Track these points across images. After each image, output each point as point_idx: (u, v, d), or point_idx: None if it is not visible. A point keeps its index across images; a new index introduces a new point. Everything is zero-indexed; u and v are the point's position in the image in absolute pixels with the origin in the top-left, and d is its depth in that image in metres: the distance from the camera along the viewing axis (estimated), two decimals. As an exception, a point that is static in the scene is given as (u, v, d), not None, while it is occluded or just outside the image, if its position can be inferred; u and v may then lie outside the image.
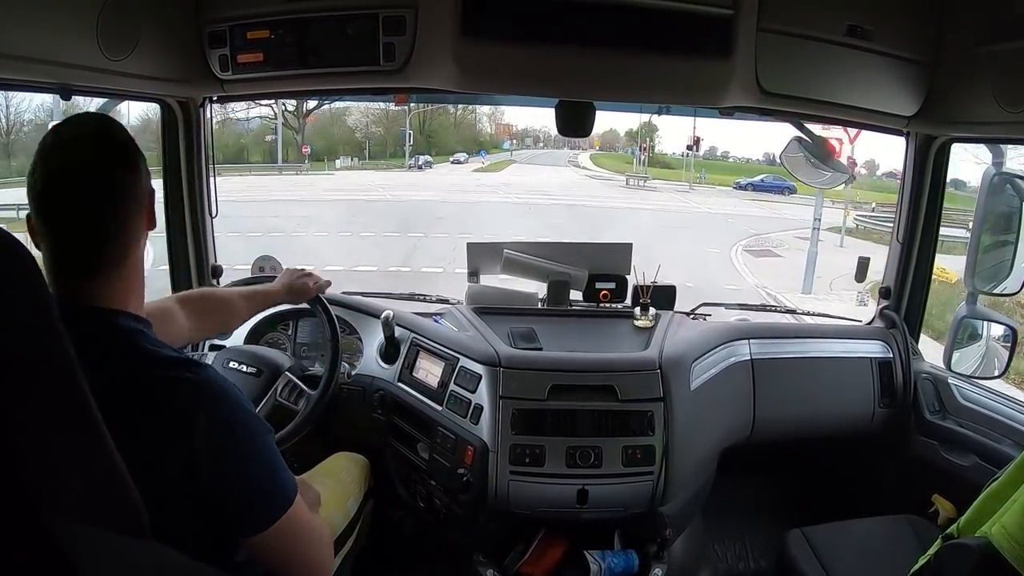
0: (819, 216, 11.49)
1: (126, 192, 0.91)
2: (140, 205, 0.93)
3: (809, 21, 1.51)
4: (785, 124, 1.80)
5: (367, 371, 1.80)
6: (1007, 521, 0.96)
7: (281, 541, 0.95)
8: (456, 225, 13.36)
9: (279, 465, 0.95)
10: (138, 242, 0.93)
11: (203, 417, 0.85)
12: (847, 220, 15.09)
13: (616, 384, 1.57)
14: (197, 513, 0.87)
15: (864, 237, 14.19)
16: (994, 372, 1.78)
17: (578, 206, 17.83)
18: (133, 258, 0.92)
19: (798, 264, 11.15)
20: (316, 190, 19.78)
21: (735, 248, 14.17)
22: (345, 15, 1.52)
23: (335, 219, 14.45)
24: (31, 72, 1.24)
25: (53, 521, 0.62)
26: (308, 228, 13.27)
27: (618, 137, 34.28)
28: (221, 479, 0.87)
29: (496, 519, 1.57)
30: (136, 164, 0.92)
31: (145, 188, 0.94)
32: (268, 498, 0.92)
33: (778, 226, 16.86)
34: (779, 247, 14.78)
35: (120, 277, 0.90)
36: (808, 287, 10.45)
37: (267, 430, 0.96)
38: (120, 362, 0.86)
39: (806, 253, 11.15)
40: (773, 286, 10.53)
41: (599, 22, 1.38)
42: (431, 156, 28.38)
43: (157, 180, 1.90)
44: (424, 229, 13.70)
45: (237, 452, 0.89)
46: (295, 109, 24.94)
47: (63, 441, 0.65)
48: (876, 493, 2.02)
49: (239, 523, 0.91)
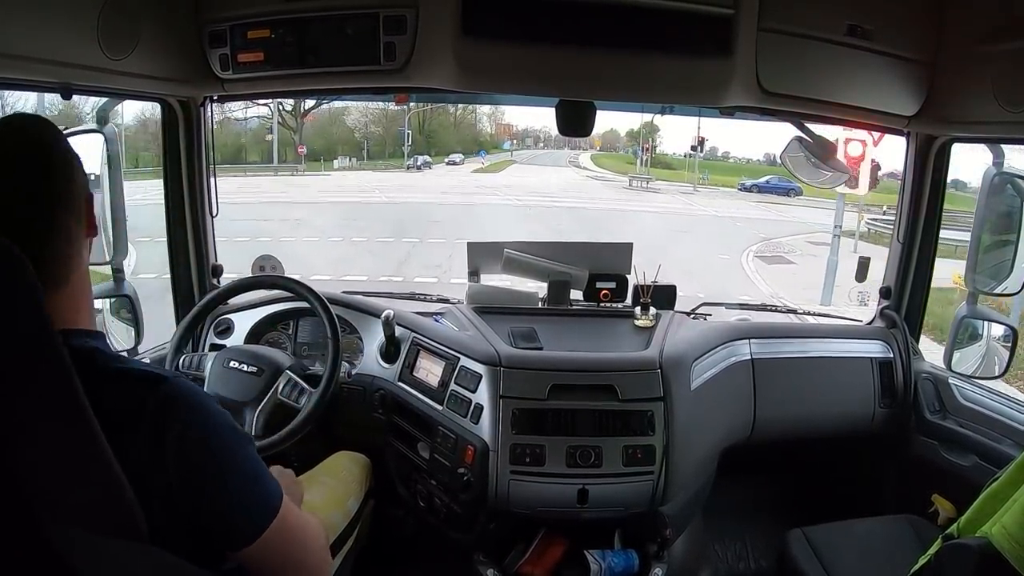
0: (840, 223, 10.54)
1: (51, 197, 0.81)
2: (70, 211, 0.82)
3: (810, 21, 1.51)
4: (786, 124, 1.80)
5: (367, 371, 1.80)
6: (1007, 521, 0.96)
7: (272, 551, 0.90)
8: (453, 229, 12.62)
9: (261, 474, 0.90)
10: (80, 254, 0.84)
11: (175, 432, 0.79)
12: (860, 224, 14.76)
13: (616, 384, 1.57)
14: (179, 529, 0.82)
15: (875, 241, 13.50)
16: (994, 372, 1.78)
17: (581, 209, 17.54)
18: (78, 273, 0.84)
19: (812, 271, 10.63)
20: (310, 192, 19.36)
21: (746, 254, 13.70)
22: (345, 14, 1.52)
23: (327, 223, 14.09)
24: (31, 72, 1.24)
25: (51, 526, 0.62)
26: (298, 232, 12.82)
27: (619, 137, 34.31)
28: (199, 498, 0.82)
29: (496, 519, 1.57)
30: (55, 164, 0.82)
31: (77, 192, 0.84)
32: (251, 511, 0.88)
33: (787, 230, 16.46)
34: (791, 253, 14.29)
35: (65, 295, 0.82)
36: (827, 298, 9.71)
37: (247, 440, 0.92)
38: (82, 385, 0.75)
39: (820, 259, 10.57)
40: (788, 295, 9.98)
41: (600, 21, 1.38)
42: (430, 156, 28.14)
43: (157, 180, 1.92)
44: (419, 234, 13.33)
45: (214, 468, 0.84)
46: (292, 109, 24.83)
47: (60, 447, 0.66)
48: (876, 493, 2.02)
49: (225, 539, 0.87)
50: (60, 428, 0.66)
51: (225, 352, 1.67)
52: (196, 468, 0.81)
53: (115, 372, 0.81)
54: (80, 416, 0.67)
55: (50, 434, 0.64)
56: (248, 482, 0.89)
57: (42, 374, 0.64)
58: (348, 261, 10.98)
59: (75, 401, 0.66)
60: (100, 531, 0.67)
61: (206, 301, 1.76)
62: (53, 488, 0.64)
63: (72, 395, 0.66)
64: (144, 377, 0.81)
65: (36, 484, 0.61)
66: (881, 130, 1.85)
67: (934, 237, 1.95)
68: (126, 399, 0.78)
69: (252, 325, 1.90)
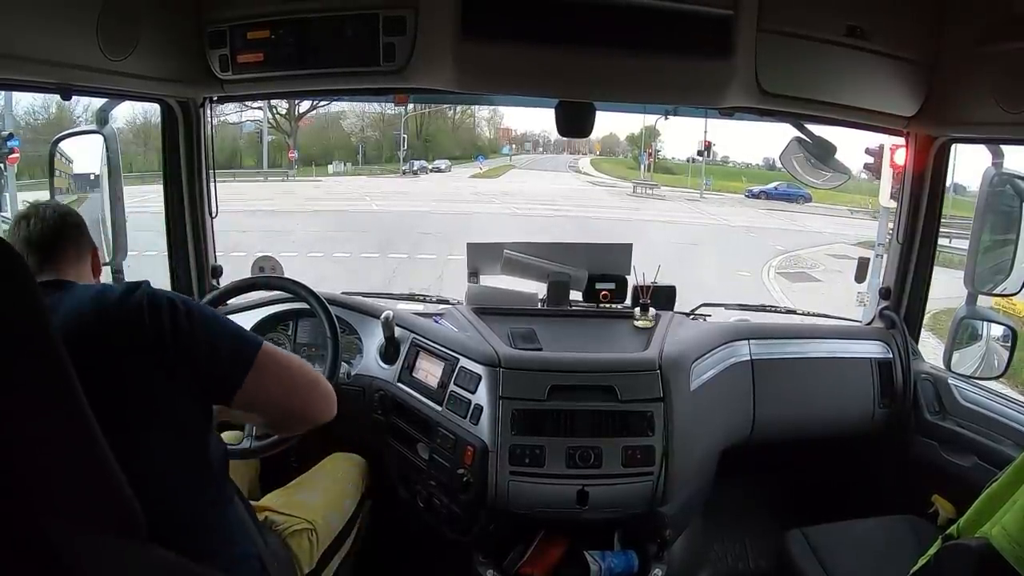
0: (883, 242, 9.62)
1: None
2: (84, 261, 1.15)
3: (809, 21, 1.51)
4: (786, 127, 1.80)
5: (367, 371, 1.80)
6: (1007, 522, 0.96)
7: (267, 381, 1.08)
8: (446, 245, 11.30)
9: (239, 329, 1.10)
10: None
11: (167, 312, 0.99)
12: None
13: (616, 384, 1.57)
14: (184, 393, 1.01)
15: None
16: (994, 372, 1.78)
17: (587, 219, 16.67)
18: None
19: (840, 288, 9.39)
20: (297, 199, 18.45)
21: (766, 269, 12.85)
22: (345, 15, 1.52)
23: (309, 234, 13.25)
24: (31, 72, 1.24)
25: (51, 525, 0.62)
26: (276, 246, 11.07)
27: (618, 141, 34.18)
28: (195, 355, 1.01)
29: (496, 519, 1.57)
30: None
31: (85, 245, 1.16)
32: (238, 344, 1.07)
33: (805, 241, 15.45)
34: (815, 268, 13.23)
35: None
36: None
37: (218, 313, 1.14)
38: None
39: (846, 275, 9.00)
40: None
41: (599, 22, 1.38)
42: (427, 161, 27.28)
43: (157, 185, 1.92)
44: (408, 248, 12.50)
45: (202, 330, 1.03)
46: (287, 113, 24.64)
47: (59, 446, 0.66)
48: (876, 493, 2.02)
49: (222, 385, 1.06)
50: (59, 426, 0.66)
51: None
52: (187, 333, 1.00)
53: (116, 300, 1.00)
54: (78, 416, 0.67)
55: (49, 431, 0.64)
56: (230, 325, 1.10)
57: (41, 372, 0.64)
58: (328, 280, 9.58)
59: (73, 399, 0.66)
60: (99, 528, 0.67)
61: (206, 302, 1.75)
62: (51, 485, 0.64)
63: (70, 393, 0.66)
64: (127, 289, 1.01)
65: (34, 481, 0.61)
66: (881, 131, 1.85)
67: (934, 237, 1.95)
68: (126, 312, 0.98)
69: (252, 326, 1.90)
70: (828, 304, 2.56)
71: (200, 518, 1.07)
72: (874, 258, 8.61)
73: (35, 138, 13.94)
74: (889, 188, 4.11)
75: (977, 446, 1.74)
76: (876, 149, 4.81)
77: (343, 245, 12.60)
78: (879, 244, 9.72)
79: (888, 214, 9.55)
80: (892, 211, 2.19)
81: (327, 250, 12.13)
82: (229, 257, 2.17)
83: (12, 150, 9.60)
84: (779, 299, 10.16)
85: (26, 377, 0.63)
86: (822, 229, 16.43)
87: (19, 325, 0.63)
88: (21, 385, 0.62)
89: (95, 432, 0.69)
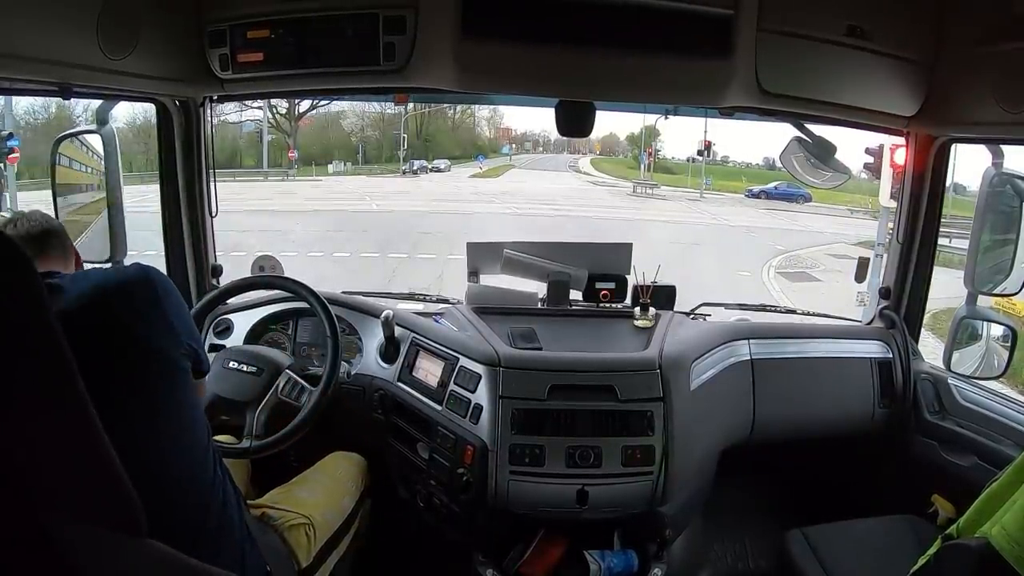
0: (883, 242, 9.72)
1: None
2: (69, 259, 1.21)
3: (809, 21, 1.51)
4: (786, 127, 1.80)
5: (367, 371, 1.80)
6: (1007, 522, 0.96)
7: None
8: (446, 245, 11.39)
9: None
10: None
11: (153, 298, 1.07)
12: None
13: (616, 384, 1.57)
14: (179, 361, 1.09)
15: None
16: (994, 372, 1.78)
17: (587, 218, 16.66)
18: None
19: (840, 288, 9.45)
20: (297, 199, 18.46)
21: (766, 269, 12.86)
22: (345, 15, 1.52)
23: (308, 235, 13.24)
24: (31, 71, 1.24)
25: (51, 521, 0.62)
26: (276, 246, 10.97)
27: (618, 141, 34.22)
28: (176, 337, 1.08)
29: (496, 519, 1.57)
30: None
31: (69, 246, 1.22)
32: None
33: (804, 240, 15.48)
34: (815, 268, 13.26)
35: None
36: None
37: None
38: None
39: (846, 275, 9.09)
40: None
41: (599, 22, 1.38)
42: (427, 161, 27.35)
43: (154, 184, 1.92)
44: (408, 248, 12.60)
45: (182, 321, 1.11)
46: (286, 112, 24.65)
47: (60, 441, 0.65)
48: (876, 493, 2.02)
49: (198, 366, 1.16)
50: (60, 420, 0.65)
51: (225, 353, 1.67)
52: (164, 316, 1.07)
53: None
54: (80, 411, 0.67)
55: (49, 426, 0.64)
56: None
57: (42, 366, 0.64)
58: (327, 281, 10.20)
59: (75, 396, 0.66)
60: (98, 524, 0.67)
61: (205, 301, 1.75)
62: (51, 480, 0.63)
63: (72, 387, 0.66)
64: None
65: (34, 476, 0.61)
66: (881, 131, 1.85)
67: (934, 237, 1.95)
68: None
69: (251, 325, 1.90)
70: (828, 304, 2.56)
71: (199, 513, 1.08)
72: (874, 258, 8.54)
73: (35, 138, 13.96)
74: (889, 188, 4.12)
75: (977, 446, 1.74)
76: (876, 149, 4.83)
77: (343, 245, 12.65)
78: (879, 244, 9.67)
79: (888, 214, 9.53)
80: (892, 211, 2.19)
81: (327, 250, 12.15)
82: (229, 256, 2.17)
83: (12, 150, 9.62)
84: (779, 299, 10.25)
85: (26, 367, 0.62)
86: (822, 229, 16.46)
87: (19, 314, 0.62)
88: (20, 376, 0.62)
89: (97, 427, 0.68)
